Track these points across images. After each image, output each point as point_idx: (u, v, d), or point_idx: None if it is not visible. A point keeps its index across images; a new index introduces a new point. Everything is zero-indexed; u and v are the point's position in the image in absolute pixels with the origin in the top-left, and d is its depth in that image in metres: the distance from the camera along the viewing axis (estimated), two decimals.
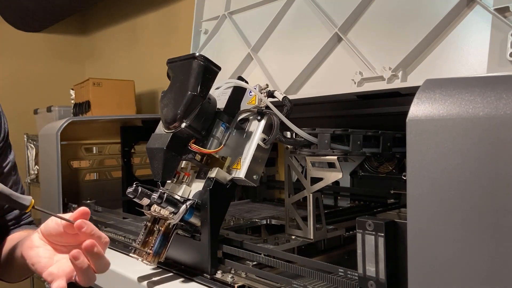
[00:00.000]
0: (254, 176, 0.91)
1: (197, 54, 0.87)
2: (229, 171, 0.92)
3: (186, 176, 0.95)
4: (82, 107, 2.48)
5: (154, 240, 0.86)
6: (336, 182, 1.42)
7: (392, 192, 1.28)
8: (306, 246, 0.99)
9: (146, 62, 2.80)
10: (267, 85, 0.97)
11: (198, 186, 0.93)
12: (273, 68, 1.45)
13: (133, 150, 1.69)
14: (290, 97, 0.94)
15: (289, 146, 0.97)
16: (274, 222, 1.21)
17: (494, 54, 0.92)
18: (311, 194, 0.95)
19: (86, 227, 0.66)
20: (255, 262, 0.88)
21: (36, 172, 2.93)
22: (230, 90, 0.96)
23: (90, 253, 0.66)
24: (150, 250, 0.86)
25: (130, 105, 2.54)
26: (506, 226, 0.47)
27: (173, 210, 0.85)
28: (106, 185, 1.68)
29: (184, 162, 0.96)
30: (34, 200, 0.70)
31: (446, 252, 0.51)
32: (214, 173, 0.90)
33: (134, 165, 1.70)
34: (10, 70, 3.17)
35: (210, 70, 0.87)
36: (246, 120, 0.95)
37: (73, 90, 2.68)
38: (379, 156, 1.32)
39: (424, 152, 0.53)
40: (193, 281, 0.89)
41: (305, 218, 0.97)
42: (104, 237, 0.70)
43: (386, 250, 0.64)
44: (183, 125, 0.85)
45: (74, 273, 0.67)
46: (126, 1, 2.98)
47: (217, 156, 0.92)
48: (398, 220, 0.65)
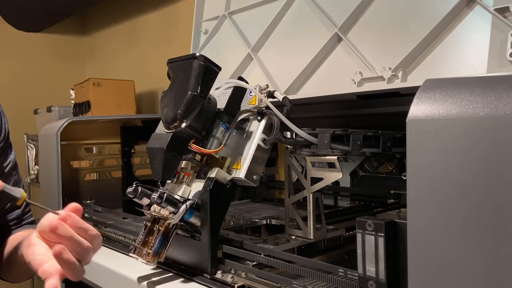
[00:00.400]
0: (254, 176, 0.91)
1: (197, 54, 0.87)
2: (229, 171, 0.92)
3: (186, 176, 0.95)
4: (82, 107, 2.48)
5: (154, 240, 0.86)
6: (336, 182, 1.42)
7: (392, 192, 1.28)
8: (306, 246, 0.99)
9: (146, 62, 2.80)
10: (267, 85, 0.97)
11: (198, 186, 0.93)
12: (273, 68, 1.45)
13: (133, 150, 1.69)
14: (290, 97, 0.94)
15: (289, 146, 0.97)
16: (274, 222, 1.21)
17: (494, 54, 0.92)
18: (311, 194, 0.95)
19: (63, 228, 0.64)
20: (255, 262, 0.88)
21: (36, 172, 2.93)
22: (230, 90, 0.96)
23: (58, 259, 0.64)
24: (150, 250, 0.86)
25: (130, 105, 2.54)
26: (506, 226, 0.47)
27: (173, 210, 0.85)
28: (106, 185, 1.68)
29: (184, 162, 0.96)
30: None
31: (446, 252, 0.51)
32: (214, 173, 0.90)
33: (134, 165, 1.70)
34: (10, 70, 3.17)
35: (210, 70, 0.87)
36: (246, 120, 0.95)
37: (73, 90, 2.68)
38: (379, 156, 1.32)
39: (424, 152, 0.53)
40: (193, 281, 0.89)
41: (305, 218, 0.97)
42: (91, 229, 0.67)
43: (386, 250, 0.64)
44: (183, 125, 0.85)
45: None
46: (126, 1, 2.98)
47: (217, 156, 0.92)
48: (398, 220, 0.65)
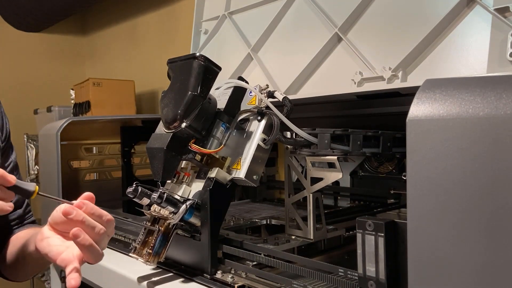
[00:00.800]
0: (254, 176, 0.92)
1: (197, 54, 0.87)
2: (229, 171, 0.92)
3: (186, 176, 0.95)
4: (82, 107, 2.48)
5: (154, 240, 0.86)
6: (336, 182, 1.42)
7: (392, 192, 1.28)
8: (306, 246, 0.99)
9: (146, 62, 2.80)
10: (267, 85, 0.97)
11: (198, 186, 0.93)
12: (273, 68, 1.45)
13: (133, 150, 1.69)
14: (290, 97, 0.94)
15: (289, 146, 0.97)
16: (274, 222, 1.21)
17: (494, 54, 0.92)
18: (311, 194, 0.95)
19: (76, 212, 0.67)
20: (255, 262, 0.88)
21: (36, 172, 2.93)
22: (230, 90, 0.96)
23: (76, 242, 0.66)
24: (150, 250, 0.86)
25: (130, 105, 2.54)
26: (506, 225, 0.47)
27: (173, 210, 0.85)
28: (106, 185, 1.68)
29: (184, 162, 0.96)
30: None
31: (446, 252, 0.51)
32: (214, 173, 0.90)
33: (134, 165, 1.70)
34: (10, 70, 3.17)
35: (210, 70, 0.87)
36: (246, 120, 0.96)
37: (73, 90, 2.68)
38: (379, 156, 1.32)
39: (424, 152, 0.53)
40: (193, 281, 0.89)
41: (305, 218, 0.97)
42: (105, 214, 0.70)
43: (386, 250, 0.64)
44: (183, 125, 0.85)
45: None
46: (126, 1, 2.98)
47: (217, 156, 0.92)
48: (398, 220, 0.65)
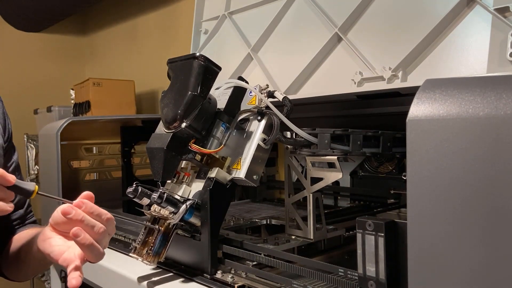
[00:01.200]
0: (254, 176, 0.91)
1: (197, 54, 0.87)
2: (229, 171, 0.92)
3: (186, 176, 0.95)
4: (82, 107, 2.48)
5: (154, 240, 0.86)
6: (336, 182, 1.42)
7: (392, 192, 1.28)
8: (306, 246, 0.99)
9: (146, 62, 2.80)
10: (267, 85, 0.97)
11: (198, 186, 0.93)
12: (273, 68, 1.45)
13: (133, 150, 1.69)
14: (290, 97, 0.94)
15: (289, 146, 0.97)
16: (274, 222, 1.21)
17: (494, 54, 0.92)
18: (311, 194, 0.95)
19: (75, 212, 0.68)
20: (255, 262, 0.88)
21: (36, 172, 2.93)
22: (230, 90, 0.96)
23: (77, 241, 0.66)
24: (150, 250, 0.86)
25: (130, 105, 2.54)
26: (506, 225, 0.47)
27: (173, 210, 0.85)
28: (106, 185, 1.68)
29: (184, 162, 0.96)
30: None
31: (446, 252, 0.51)
32: (214, 173, 0.90)
33: (134, 165, 1.70)
34: (10, 70, 3.17)
35: (210, 70, 0.87)
36: (246, 120, 0.95)
37: (73, 90, 2.68)
38: (379, 156, 1.32)
39: (424, 152, 0.53)
40: (193, 281, 0.89)
41: (305, 218, 0.97)
42: (105, 213, 0.71)
43: (386, 250, 0.64)
44: (183, 125, 0.85)
45: None
46: (126, 1, 2.97)
47: (217, 156, 0.92)
48: (398, 220, 0.65)
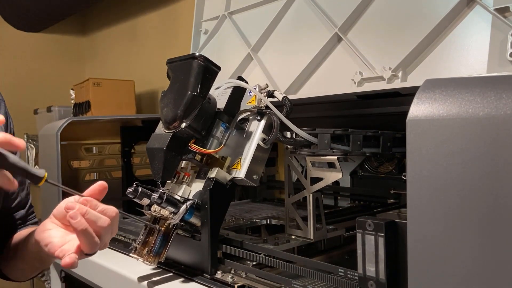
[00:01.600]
0: (254, 176, 0.91)
1: (197, 54, 0.87)
2: (229, 171, 0.92)
3: (186, 176, 0.95)
4: (82, 107, 2.48)
5: (154, 240, 0.86)
6: (336, 182, 1.42)
7: (392, 192, 1.28)
8: (306, 246, 0.99)
9: (146, 62, 2.80)
10: (267, 85, 0.97)
11: (198, 186, 0.93)
12: (273, 68, 1.44)
13: (133, 150, 1.69)
14: (290, 97, 0.94)
15: (289, 146, 0.97)
16: (274, 222, 1.21)
17: (494, 54, 0.92)
18: (311, 194, 0.95)
19: (90, 204, 0.67)
20: (255, 262, 0.88)
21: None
22: (230, 90, 0.96)
23: (72, 224, 0.64)
24: (151, 250, 0.86)
25: (130, 105, 2.54)
26: (506, 225, 0.47)
27: (173, 210, 0.85)
28: None
29: (184, 162, 0.96)
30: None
31: (446, 252, 0.51)
32: (214, 173, 0.90)
33: (134, 165, 1.70)
34: (10, 70, 3.17)
35: (210, 70, 0.87)
36: (246, 120, 0.95)
37: (73, 90, 2.68)
38: (379, 156, 1.32)
39: (424, 152, 0.53)
40: (193, 281, 0.89)
41: (305, 218, 0.97)
42: (110, 210, 0.69)
43: (386, 250, 0.64)
44: (183, 125, 0.85)
45: None
46: (126, 1, 2.97)
47: (217, 156, 0.92)
48: (398, 220, 0.65)
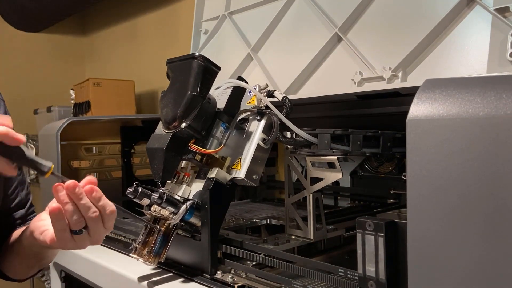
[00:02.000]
0: (254, 176, 0.91)
1: (196, 54, 0.87)
2: (229, 171, 0.92)
3: (186, 176, 0.95)
4: (82, 107, 2.48)
5: (155, 240, 0.86)
6: (336, 182, 1.42)
7: (392, 192, 1.28)
8: (306, 246, 0.99)
9: (146, 62, 2.80)
10: (267, 85, 0.97)
11: (198, 186, 0.93)
12: (273, 68, 1.44)
13: (133, 150, 1.69)
14: (290, 97, 0.94)
15: (289, 146, 0.97)
16: (274, 222, 1.21)
17: (494, 54, 0.92)
18: (311, 194, 0.95)
19: (78, 190, 0.65)
20: (255, 262, 0.88)
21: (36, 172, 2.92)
22: (230, 90, 0.96)
23: (71, 194, 0.64)
24: (151, 250, 0.86)
25: (130, 105, 2.53)
26: (506, 225, 0.47)
27: (173, 210, 0.85)
28: (106, 185, 1.68)
29: (184, 162, 0.96)
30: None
31: (446, 252, 0.51)
32: (214, 173, 0.90)
33: (134, 165, 1.70)
34: (10, 70, 3.17)
35: (209, 70, 0.87)
36: (246, 120, 0.95)
37: (73, 90, 2.68)
38: (379, 156, 1.32)
39: (424, 152, 0.53)
40: (193, 281, 0.89)
41: (305, 218, 0.97)
42: (109, 205, 0.68)
43: (386, 250, 0.64)
44: (183, 125, 0.85)
45: None
46: (126, 1, 2.97)
47: (217, 156, 0.92)
48: (398, 220, 0.65)
